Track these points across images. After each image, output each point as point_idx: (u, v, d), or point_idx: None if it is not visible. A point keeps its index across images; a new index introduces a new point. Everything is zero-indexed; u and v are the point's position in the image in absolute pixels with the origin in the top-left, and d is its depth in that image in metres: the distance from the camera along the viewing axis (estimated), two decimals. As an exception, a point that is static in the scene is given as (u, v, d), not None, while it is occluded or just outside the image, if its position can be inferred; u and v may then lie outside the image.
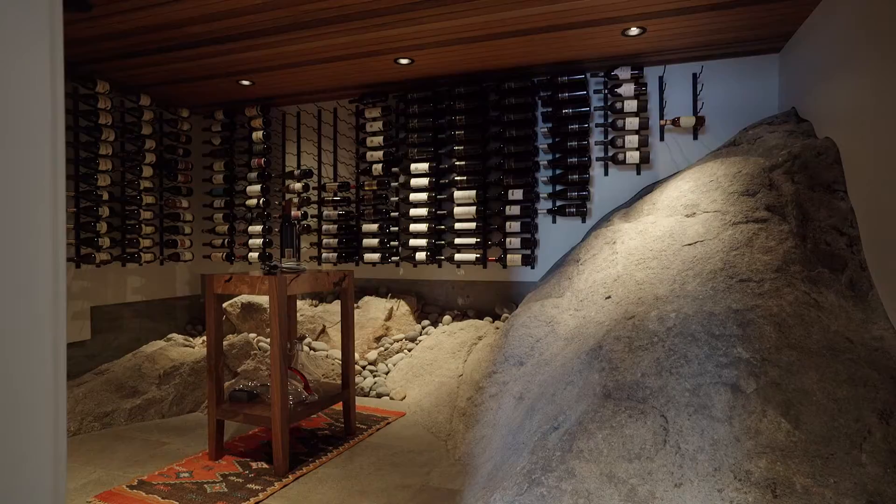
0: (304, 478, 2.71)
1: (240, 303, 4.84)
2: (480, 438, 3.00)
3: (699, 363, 2.21)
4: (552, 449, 2.17)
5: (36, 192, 0.69)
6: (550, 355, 3.09)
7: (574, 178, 4.42)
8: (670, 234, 3.22)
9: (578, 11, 3.31)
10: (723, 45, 3.89)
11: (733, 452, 1.89)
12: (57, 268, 0.72)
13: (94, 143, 4.52)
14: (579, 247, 4.02)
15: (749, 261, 2.63)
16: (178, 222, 5.37)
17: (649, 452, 2.02)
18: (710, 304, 2.48)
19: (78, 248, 4.54)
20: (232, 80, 4.68)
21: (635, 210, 3.84)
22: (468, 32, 3.64)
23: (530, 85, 4.52)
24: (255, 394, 3.02)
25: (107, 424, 3.45)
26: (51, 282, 0.71)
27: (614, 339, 2.58)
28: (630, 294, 2.94)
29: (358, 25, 3.51)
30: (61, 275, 0.73)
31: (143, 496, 2.50)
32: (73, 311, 4.64)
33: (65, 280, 0.74)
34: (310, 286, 3.00)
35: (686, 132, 4.26)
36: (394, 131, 5.03)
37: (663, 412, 2.12)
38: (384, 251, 4.99)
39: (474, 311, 4.83)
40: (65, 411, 0.72)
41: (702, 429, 2.00)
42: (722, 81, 4.14)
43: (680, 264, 2.91)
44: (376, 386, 4.13)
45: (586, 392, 2.39)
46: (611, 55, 4.11)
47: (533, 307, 3.58)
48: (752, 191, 3.02)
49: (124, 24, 3.49)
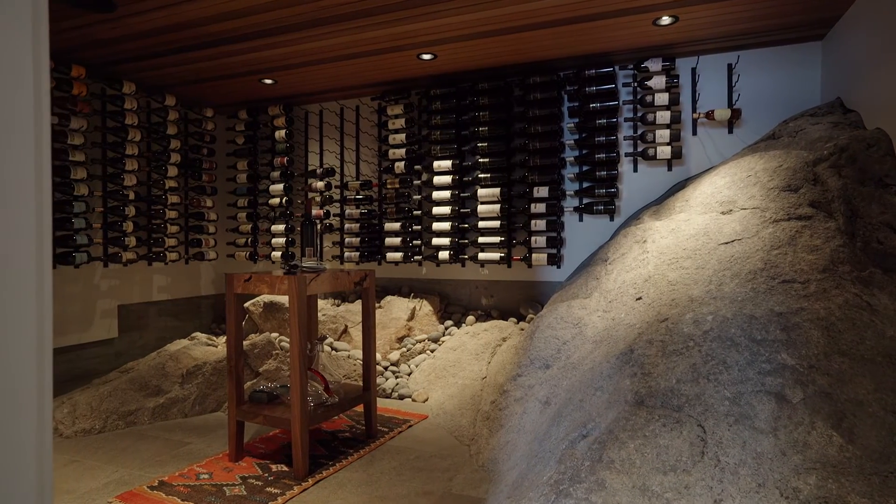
0: (324, 482, 2.65)
1: (262, 302, 4.83)
2: (505, 444, 2.90)
3: (739, 370, 2.07)
4: (581, 458, 2.06)
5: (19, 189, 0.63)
6: (578, 358, 2.97)
7: (602, 175, 4.28)
8: (705, 232, 3.06)
9: (607, 0, 3.17)
10: (761, 34, 3.69)
11: (779, 467, 1.75)
12: (42, 268, 0.66)
13: (121, 144, 4.56)
14: (607, 246, 3.87)
15: (792, 260, 2.47)
16: (202, 222, 5.40)
17: (686, 465, 1.89)
18: (750, 306, 2.33)
19: (105, 248, 4.59)
20: (254, 79, 4.67)
21: (667, 207, 3.68)
22: (492, 25, 3.54)
23: (556, 79, 4.39)
24: (275, 395, 2.98)
25: (131, 423, 3.47)
26: (34, 282, 0.65)
27: (646, 342, 2.45)
28: (662, 295, 2.80)
29: (378, 20, 3.44)
30: (47, 275, 0.67)
31: (162, 497, 2.48)
32: (101, 310, 4.70)
33: (50, 280, 0.68)
34: (330, 286, 2.94)
35: (720, 126, 4.07)
36: (416, 128, 4.96)
37: (701, 422, 1.98)
38: (407, 250, 4.93)
39: (498, 312, 4.73)
40: (50, 417, 0.66)
41: (743, 440, 1.86)
42: (759, 72, 3.94)
43: (716, 264, 2.75)
44: (398, 387, 4.06)
45: (617, 398, 2.27)
46: (641, 46, 3.96)
47: (559, 308, 3.46)
48: (795, 186, 2.84)
49: (146, 23, 3.49)
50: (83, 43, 3.84)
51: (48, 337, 0.67)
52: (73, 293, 4.48)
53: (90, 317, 4.62)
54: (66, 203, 4.17)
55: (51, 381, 0.66)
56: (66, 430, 3.29)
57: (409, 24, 3.52)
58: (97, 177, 4.48)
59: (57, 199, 4.18)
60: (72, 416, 3.34)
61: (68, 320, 4.45)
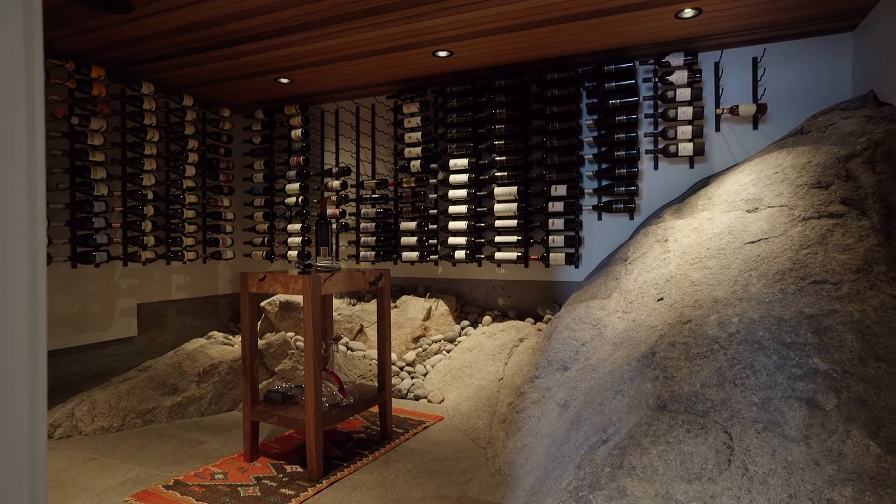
0: (338, 484, 2.62)
1: (278, 301, 4.84)
2: (522, 447, 2.84)
3: (768, 374, 1.98)
4: (601, 464, 1.99)
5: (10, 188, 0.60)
6: (597, 360, 2.90)
7: (621, 173, 4.18)
8: (729, 230, 2.96)
9: (627, -7, 3.09)
10: (788, 25, 3.57)
11: (811, 478, 1.66)
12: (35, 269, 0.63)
13: (140, 144, 4.60)
14: (627, 245, 3.78)
15: (823, 260, 2.36)
16: (219, 221, 5.43)
17: (711, 473, 1.81)
18: (778, 308, 2.23)
19: (125, 247, 4.64)
20: (270, 79, 4.67)
21: (689, 205, 3.58)
22: (509, 21, 3.48)
23: (574, 75, 4.31)
24: (289, 395, 2.96)
25: (148, 421, 3.49)
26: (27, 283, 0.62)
27: (669, 344, 2.37)
28: (685, 296, 2.71)
29: (394, 17, 3.41)
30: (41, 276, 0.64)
31: (177, 497, 2.48)
32: (120, 309, 4.75)
33: (44, 282, 0.65)
34: (345, 285, 2.91)
35: (745, 121, 3.95)
36: (432, 127, 4.92)
37: (727, 428, 1.90)
38: (423, 249, 4.89)
39: (515, 312, 4.66)
40: (45, 422, 0.63)
41: (773, 449, 1.78)
42: (786, 65, 3.81)
43: (741, 264, 2.66)
44: (414, 388, 4.02)
45: (638, 402, 2.19)
46: (662, 40, 3.86)
47: (577, 308, 3.39)
48: (825, 183, 2.73)
49: (164, 23, 3.50)
50: (103, 44, 3.88)
51: (42, 339, 0.64)
52: (93, 292, 4.53)
53: (110, 315, 4.67)
54: (86, 203, 4.22)
55: (45, 386, 0.63)
56: (85, 427, 3.32)
57: (425, 21, 3.47)
58: (117, 177, 4.52)
59: (77, 199, 4.23)
60: (91, 414, 3.37)
61: (89, 319, 4.50)
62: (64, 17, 3.41)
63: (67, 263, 4.29)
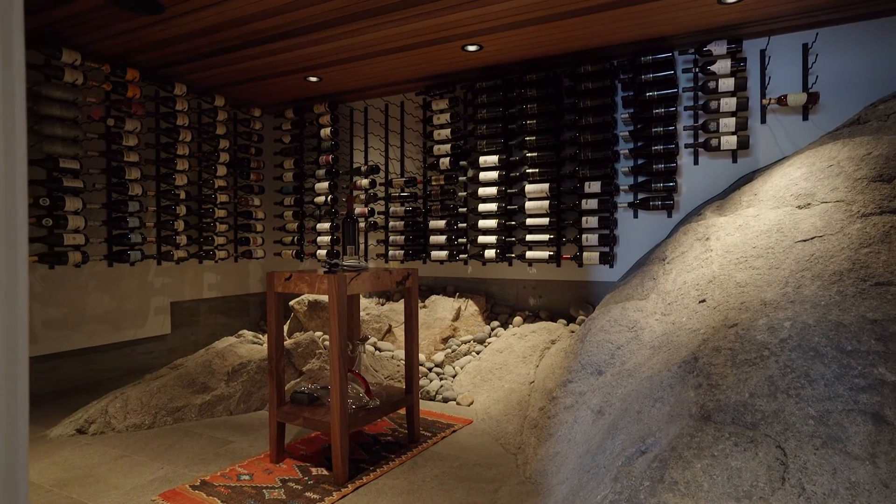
0: (364, 488, 2.56)
1: (306, 301, 4.83)
2: (554, 455, 2.72)
3: (826, 384, 1.81)
4: (639, 478, 1.86)
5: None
6: (634, 365, 2.75)
7: (659, 168, 4.00)
8: (778, 228, 2.76)
9: (667, -23, 2.93)
10: (842, 7, 3.32)
11: (879, 501, 1.50)
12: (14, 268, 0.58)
13: (173, 144, 4.66)
14: (665, 243, 3.61)
15: (887, 260, 2.16)
16: (250, 220, 5.47)
17: (763, 491, 1.66)
18: (836, 311, 2.05)
19: (159, 246, 4.71)
20: (299, 77, 4.66)
21: (732, 202, 3.38)
22: (540, 11, 3.35)
23: (609, 67, 4.14)
24: (315, 397, 2.91)
25: (178, 419, 3.51)
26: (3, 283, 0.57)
27: (712, 350, 2.21)
28: (730, 298, 2.54)
29: (421, 10, 3.33)
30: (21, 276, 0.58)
31: (203, 497, 2.46)
32: (154, 307, 4.83)
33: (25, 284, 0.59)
34: (371, 285, 2.85)
35: (794, 112, 3.71)
36: (462, 123, 4.82)
37: (780, 443, 1.75)
38: (452, 248, 4.80)
39: (547, 313, 4.52)
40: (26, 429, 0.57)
41: (833, 467, 1.62)
42: (841, 50, 3.56)
43: (793, 264, 2.47)
44: (442, 390, 3.94)
45: (679, 411, 2.05)
46: (703, 28, 3.66)
47: (612, 310, 3.24)
48: (888, 176, 2.51)
49: (193, 23, 3.52)
50: (136, 47, 3.93)
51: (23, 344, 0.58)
52: (128, 290, 4.62)
53: (145, 313, 4.75)
54: (121, 203, 4.29)
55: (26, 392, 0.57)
56: (118, 424, 3.36)
57: (453, 14, 3.38)
58: (150, 177, 4.59)
59: (113, 199, 4.31)
60: (123, 411, 3.41)
61: (124, 316, 4.59)
62: (98, 19, 3.45)
63: (104, 262, 4.38)
